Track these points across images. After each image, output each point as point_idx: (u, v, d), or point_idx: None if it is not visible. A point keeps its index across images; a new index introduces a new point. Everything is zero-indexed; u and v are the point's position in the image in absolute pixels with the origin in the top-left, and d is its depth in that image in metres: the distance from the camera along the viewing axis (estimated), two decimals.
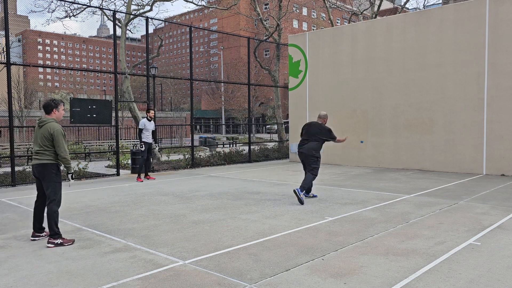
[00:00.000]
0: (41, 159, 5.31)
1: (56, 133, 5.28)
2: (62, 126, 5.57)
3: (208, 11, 72.27)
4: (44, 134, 5.30)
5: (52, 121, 5.41)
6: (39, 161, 5.32)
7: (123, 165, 14.78)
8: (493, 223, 6.11)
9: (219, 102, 53.01)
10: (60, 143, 5.29)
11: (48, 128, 5.30)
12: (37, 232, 5.60)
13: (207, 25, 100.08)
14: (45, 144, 5.30)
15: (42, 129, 5.33)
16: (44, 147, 5.31)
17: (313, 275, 4.14)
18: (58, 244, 5.20)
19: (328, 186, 9.81)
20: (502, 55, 11.47)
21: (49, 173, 5.31)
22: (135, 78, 58.89)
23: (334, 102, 15.20)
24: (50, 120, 5.40)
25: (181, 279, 4.06)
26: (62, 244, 5.21)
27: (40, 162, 5.31)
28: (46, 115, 5.50)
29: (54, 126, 5.32)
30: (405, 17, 13.44)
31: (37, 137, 5.38)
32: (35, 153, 5.39)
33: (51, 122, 5.37)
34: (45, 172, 5.31)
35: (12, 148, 10.85)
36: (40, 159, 5.31)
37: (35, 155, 5.39)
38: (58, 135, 5.28)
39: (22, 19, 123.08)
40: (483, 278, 4.00)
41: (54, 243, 5.19)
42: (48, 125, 5.33)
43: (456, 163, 12.32)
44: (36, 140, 5.40)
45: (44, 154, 5.31)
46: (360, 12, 26.97)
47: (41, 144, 5.31)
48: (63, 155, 5.31)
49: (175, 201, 8.24)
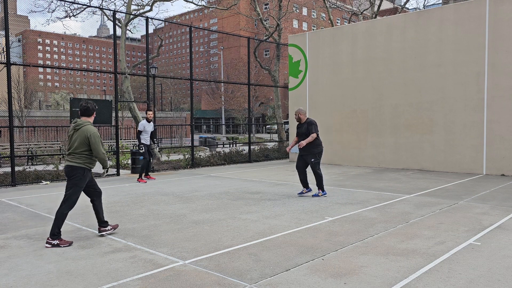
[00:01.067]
0: (72, 161, 5.44)
1: (93, 135, 5.42)
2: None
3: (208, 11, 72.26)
4: (81, 137, 5.41)
5: (88, 123, 5.53)
6: (69, 162, 5.45)
7: (123, 165, 14.79)
8: (493, 223, 6.11)
9: (219, 102, 53.02)
10: (97, 146, 5.42)
11: (86, 132, 5.41)
12: (102, 226, 5.73)
13: (207, 25, 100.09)
14: (79, 147, 5.42)
15: (79, 132, 5.44)
16: (77, 149, 5.43)
17: (313, 275, 4.14)
18: (55, 245, 5.23)
19: (328, 186, 9.81)
20: (502, 55, 11.47)
21: (75, 175, 5.43)
22: (135, 78, 58.90)
23: (334, 102, 15.21)
24: (86, 123, 5.51)
25: (181, 279, 4.06)
26: (59, 245, 5.23)
27: (70, 164, 5.44)
28: (83, 118, 5.61)
29: (90, 129, 5.45)
30: (405, 17, 13.44)
31: (71, 140, 5.49)
32: (67, 154, 5.52)
33: (88, 125, 5.49)
34: (72, 173, 5.43)
35: (12, 148, 10.85)
36: (71, 161, 5.45)
37: (67, 156, 5.52)
38: (95, 138, 5.42)
39: (22, 19, 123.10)
40: (483, 278, 4.00)
41: (52, 243, 5.24)
42: (85, 128, 5.45)
43: (456, 163, 12.32)
44: (70, 142, 5.50)
45: (75, 157, 5.44)
46: (360, 12, 26.97)
47: (77, 146, 5.43)
48: (100, 157, 5.47)
49: (175, 201, 8.24)
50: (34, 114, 36.73)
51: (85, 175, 5.50)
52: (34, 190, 9.95)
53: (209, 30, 26.93)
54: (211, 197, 8.56)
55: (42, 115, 37.68)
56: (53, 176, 11.85)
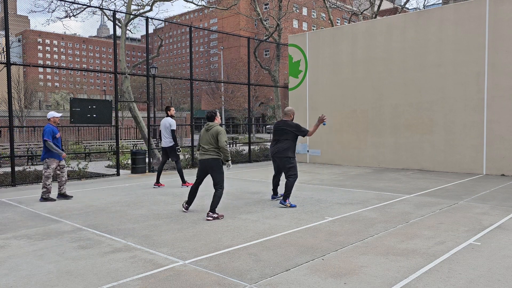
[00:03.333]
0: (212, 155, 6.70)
1: (221, 132, 6.67)
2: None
3: (208, 11, 72.28)
4: (212, 135, 6.68)
5: (217, 125, 6.81)
6: (210, 156, 6.69)
7: (123, 165, 14.78)
8: (493, 223, 6.11)
9: (219, 102, 52.98)
10: (222, 138, 6.62)
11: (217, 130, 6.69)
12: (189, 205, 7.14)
13: (207, 25, 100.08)
14: (211, 143, 6.68)
15: (211, 131, 6.71)
16: (210, 145, 6.69)
17: (313, 275, 4.14)
18: (215, 217, 6.54)
19: (328, 186, 9.81)
20: (502, 55, 11.47)
21: (217, 164, 6.69)
22: (135, 78, 58.87)
23: (334, 102, 15.21)
24: (215, 125, 6.80)
25: (181, 279, 4.06)
26: (218, 218, 6.54)
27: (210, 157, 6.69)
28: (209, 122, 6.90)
29: (218, 129, 6.72)
30: (405, 17, 13.44)
31: (204, 138, 6.79)
32: (203, 150, 6.77)
33: (216, 126, 6.78)
34: (213, 164, 6.68)
35: (12, 148, 10.85)
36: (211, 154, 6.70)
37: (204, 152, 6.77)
38: (221, 133, 6.65)
39: (22, 19, 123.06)
40: (483, 278, 4.00)
41: (213, 217, 6.52)
42: (215, 128, 6.73)
43: (456, 163, 12.32)
44: (203, 140, 6.79)
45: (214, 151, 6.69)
46: (360, 12, 26.97)
47: (209, 142, 6.70)
48: (223, 146, 6.61)
49: (175, 201, 8.24)
50: (34, 114, 36.75)
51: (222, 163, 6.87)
52: (34, 190, 9.95)
53: (209, 30, 26.96)
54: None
55: (42, 115, 37.69)
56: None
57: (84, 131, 30.67)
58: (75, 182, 11.49)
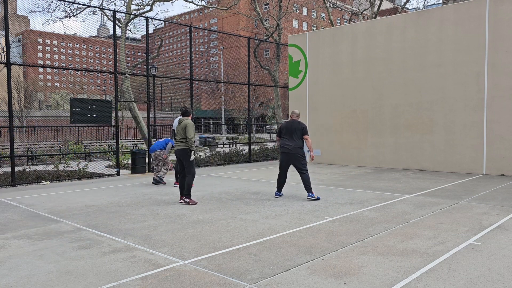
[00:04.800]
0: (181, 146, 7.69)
1: (189, 125, 7.67)
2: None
3: (208, 11, 72.27)
4: (182, 128, 7.66)
5: (187, 119, 7.82)
6: (180, 146, 7.73)
7: (123, 165, 14.78)
8: (493, 223, 6.11)
9: (219, 102, 53.00)
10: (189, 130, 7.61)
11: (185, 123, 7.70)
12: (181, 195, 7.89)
13: (207, 25, 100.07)
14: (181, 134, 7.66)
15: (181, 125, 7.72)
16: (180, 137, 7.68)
17: (313, 275, 4.14)
18: (187, 202, 7.60)
19: (328, 186, 9.81)
20: (502, 55, 11.47)
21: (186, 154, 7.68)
22: (135, 78, 58.90)
23: (334, 102, 15.21)
24: (185, 119, 7.80)
25: (181, 279, 4.06)
26: (189, 204, 7.57)
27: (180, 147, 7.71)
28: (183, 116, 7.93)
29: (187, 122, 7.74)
30: (405, 17, 13.44)
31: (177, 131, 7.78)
32: (176, 141, 7.82)
33: (187, 120, 7.79)
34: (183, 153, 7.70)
35: (12, 148, 10.85)
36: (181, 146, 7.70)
37: (177, 142, 7.82)
38: (189, 126, 7.65)
39: (22, 19, 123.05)
40: (483, 278, 4.00)
41: (186, 201, 7.60)
42: (185, 121, 7.75)
43: (456, 163, 12.32)
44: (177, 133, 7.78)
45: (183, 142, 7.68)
46: (360, 12, 26.98)
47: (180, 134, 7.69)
48: (189, 137, 7.60)
49: (175, 201, 8.24)
50: (34, 114, 36.76)
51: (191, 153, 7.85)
52: (34, 190, 9.95)
53: (209, 30, 26.96)
54: (211, 197, 8.56)
55: (42, 115, 37.71)
56: (53, 176, 11.84)
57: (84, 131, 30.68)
58: (75, 182, 11.49)
